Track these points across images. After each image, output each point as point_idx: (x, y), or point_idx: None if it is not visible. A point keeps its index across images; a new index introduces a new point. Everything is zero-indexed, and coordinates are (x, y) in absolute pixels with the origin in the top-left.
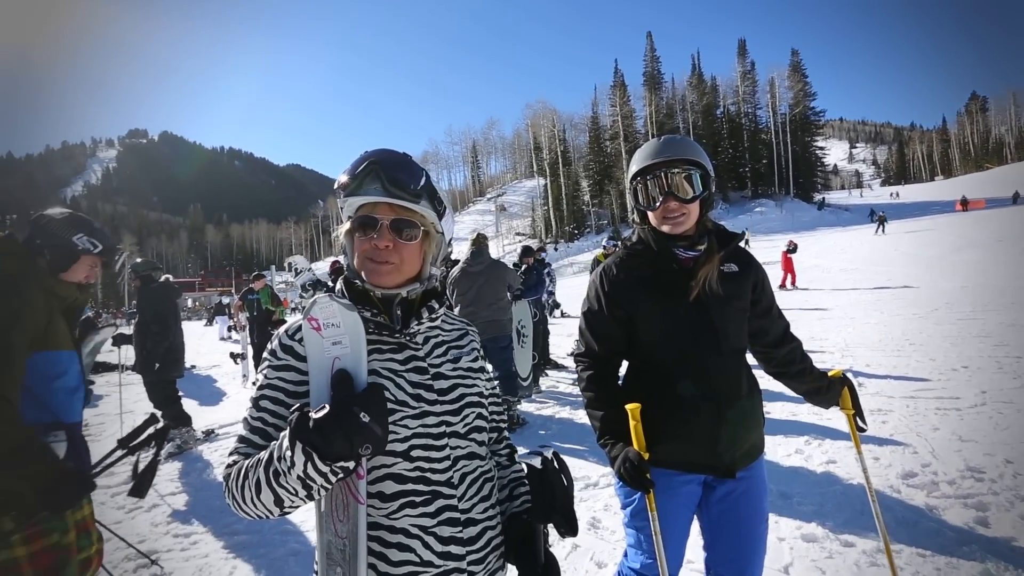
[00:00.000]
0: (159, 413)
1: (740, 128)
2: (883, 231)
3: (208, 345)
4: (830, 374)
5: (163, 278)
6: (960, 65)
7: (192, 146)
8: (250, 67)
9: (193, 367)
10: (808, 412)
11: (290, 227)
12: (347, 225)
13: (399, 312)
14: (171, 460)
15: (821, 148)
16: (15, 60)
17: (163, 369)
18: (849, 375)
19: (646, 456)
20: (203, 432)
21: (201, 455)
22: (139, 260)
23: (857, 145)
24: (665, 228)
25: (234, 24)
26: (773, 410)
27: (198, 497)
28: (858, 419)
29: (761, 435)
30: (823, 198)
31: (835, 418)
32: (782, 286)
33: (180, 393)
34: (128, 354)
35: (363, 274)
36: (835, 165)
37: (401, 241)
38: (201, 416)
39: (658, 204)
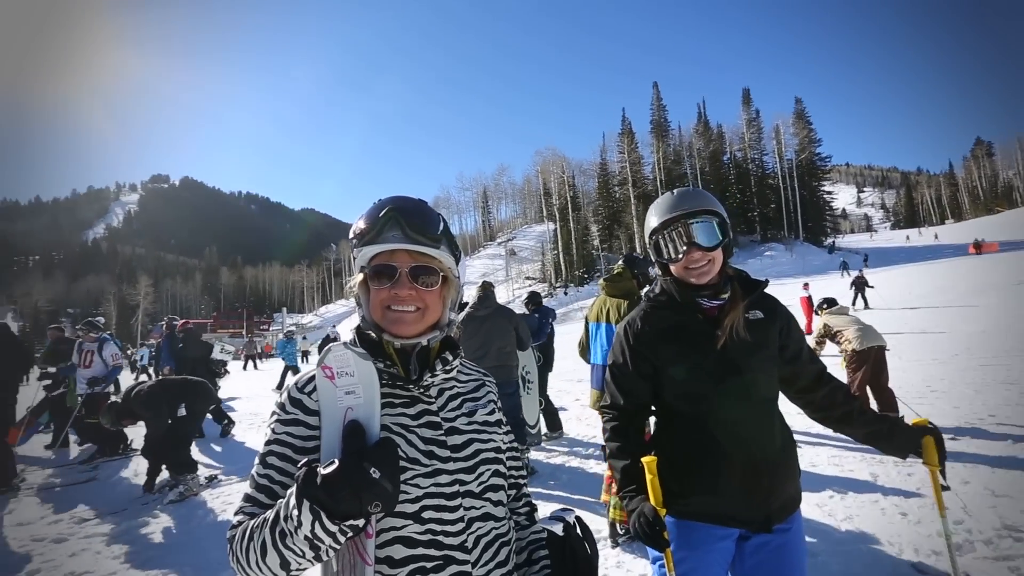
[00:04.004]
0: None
1: (747, 174)
2: None
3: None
4: (913, 422)
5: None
6: (963, 111)
7: (211, 191)
8: (270, 115)
9: None
10: (827, 463)
11: (303, 270)
12: (360, 275)
13: (415, 364)
14: (173, 506)
15: (829, 192)
16: (52, 108)
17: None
18: None
19: (663, 512)
20: (206, 478)
21: (204, 503)
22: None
23: (864, 189)
24: (691, 280)
25: (258, 72)
26: None
27: (198, 548)
28: (940, 475)
29: (798, 486)
30: (833, 241)
31: (857, 469)
32: (808, 332)
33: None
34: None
35: (382, 324)
36: (843, 209)
37: (421, 288)
38: (204, 462)
39: (681, 255)
